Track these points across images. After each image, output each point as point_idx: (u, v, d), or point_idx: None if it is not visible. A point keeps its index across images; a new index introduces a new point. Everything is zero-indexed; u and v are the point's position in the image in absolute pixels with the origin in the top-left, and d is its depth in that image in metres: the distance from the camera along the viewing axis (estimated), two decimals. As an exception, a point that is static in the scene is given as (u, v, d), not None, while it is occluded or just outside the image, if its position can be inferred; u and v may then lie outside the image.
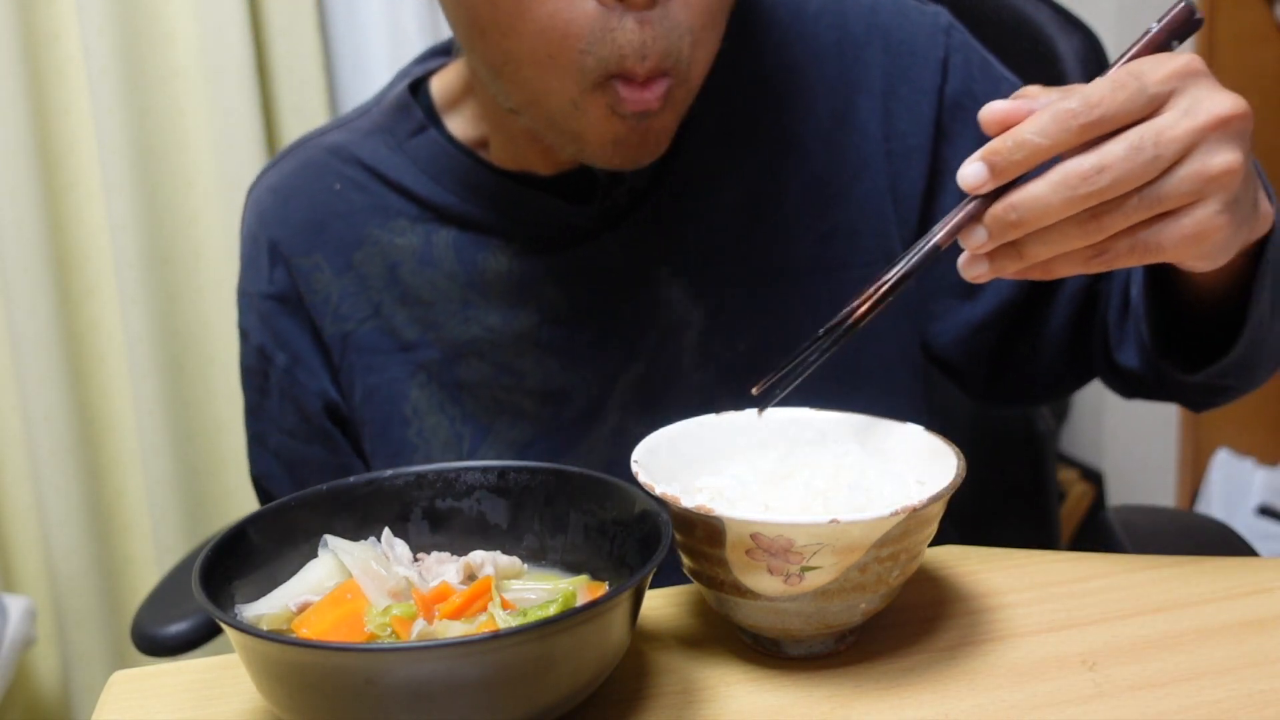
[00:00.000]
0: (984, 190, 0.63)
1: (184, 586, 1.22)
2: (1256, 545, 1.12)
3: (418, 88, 0.95)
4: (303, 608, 0.65)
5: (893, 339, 0.92)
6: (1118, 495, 2.33)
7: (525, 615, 0.62)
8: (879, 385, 0.91)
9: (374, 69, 1.83)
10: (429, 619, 0.62)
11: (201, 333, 1.81)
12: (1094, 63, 1.13)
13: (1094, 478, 2.31)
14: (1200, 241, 0.64)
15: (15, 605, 1.65)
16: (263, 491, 0.99)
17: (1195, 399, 0.89)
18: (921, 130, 0.91)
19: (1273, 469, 2.43)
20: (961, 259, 0.66)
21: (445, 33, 1.83)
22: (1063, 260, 0.65)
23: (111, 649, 1.84)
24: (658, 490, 0.64)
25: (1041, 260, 0.65)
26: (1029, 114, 0.63)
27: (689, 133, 0.89)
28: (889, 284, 0.67)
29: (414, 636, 0.60)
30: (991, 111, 0.64)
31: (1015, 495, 1.22)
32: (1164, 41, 0.67)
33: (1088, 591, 0.72)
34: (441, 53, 0.99)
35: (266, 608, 0.65)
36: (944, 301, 0.93)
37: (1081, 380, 0.94)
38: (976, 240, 0.64)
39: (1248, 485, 2.41)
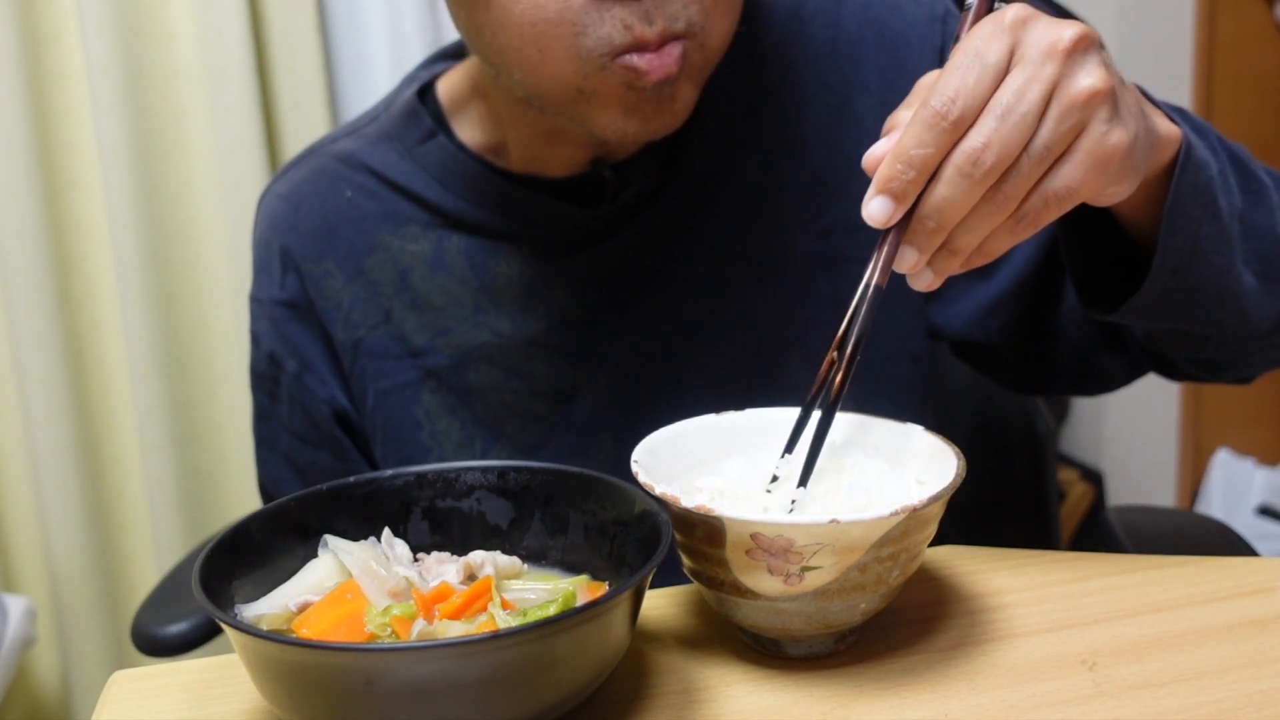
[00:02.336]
0: (894, 220, 0.64)
1: (184, 586, 1.22)
2: (1256, 545, 1.12)
3: (425, 93, 0.96)
4: (303, 608, 0.65)
5: (893, 333, 0.92)
6: (1118, 495, 2.33)
7: (525, 615, 0.62)
8: (880, 379, 0.91)
9: (374, 69, 1.83)
10: (429, 619, 0.62)
11: (201, 333, 1.81)
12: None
13: (1094, 478, 2.31)
14: (1103, 167, 0.64)
15: (15, 605, 1.65)
16: (269, 498, 0.99)
17: (1191, 366, 0.88)
18: None
19: (1273, 469, 2.43)
20: (910, 277, 0.66)
21: (445, 33, 1.83)
22: (992, 239, 0.65)
23: (111, 649, 1.84)
24: (658, 490, 0.64)
25: (975, 247, 0.65)
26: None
27: (694, 135, 0.90)
28: (853, 346, 0.66)
29: (414, 636, 0.60)
30: (873, 157, 0.65)
31: (1015, 495, 1.22)
32: (987, 8, 0.67)
33: (1088, 591, 0.72)
34: (447, 56, 0.99)
35: (266, 608, 0.65)
36: (960, 285, 0.93)
37: (1129, 368, 0.92)
38: (909, 260, 0.65)
39: (1248, 485, 2.41)
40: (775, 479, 0.68)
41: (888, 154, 0.63)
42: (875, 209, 0.64)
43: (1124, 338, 0.90)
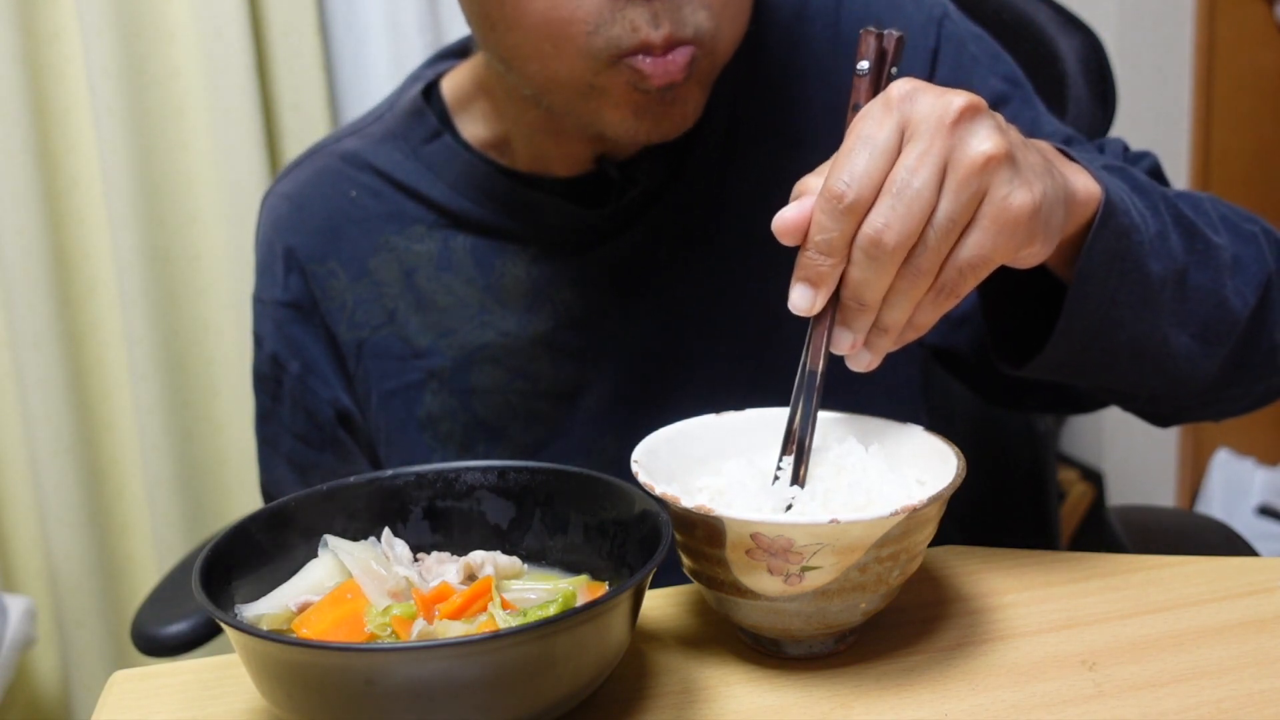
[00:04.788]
0: (818, 308, 0.64)
1: (184, 586, 1.22)
2: (1256, 545, 1.12)
3: (429, 92, 0.96)
4: (303, 608, 0.65)
5: None
6: (1118, 495, 2.33)
7: (525, 615, 0.62)
8: (879, 382, 0.91)
9: (374, 69, 1.83)
10: (429, 619, 0.62)
11: (201, 333, 1.81)
12: (1094, 63, 1.13)
13: (1094, 478, 2.31)
14: (1011, 230, 0.63)
15: (15, 605, 1.65)
16: (271, 500, 0.99)
17: (1138, 414, 0.89)
18: None
19: (1273, 469, 2.43)
20: (848, 359, 0.67)
21: (445, 33, 1.83)
22: (918, 312, 0.65)
23: (111, 649, 1.84)
24: (658, 490, 0.64)
25: (903, 323, 0.65)
26: (808, 208, 0.64)
27: (699, 134, 0.90)
28: (809, 438, 0.67)
29: (414, 636, 0.60)
30: (783, 222, 0.65)
31: (1015, 495, 1.22)
32: (879, 78, 0.68)
33: (1088, 591, 0.72)
34: (452, 55, 0.99)
35: (266, 608, 0.65)
36: None
37: (1096, 398, 0.92)
38: (845, 342, 0.66)
39: (1248, 485, 2.41)
40: (778, 478, 0.68)
41: (803, 249, 0.64)
42: (797, 298, 0.65)
43: None
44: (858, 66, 0.68)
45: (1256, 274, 0.83)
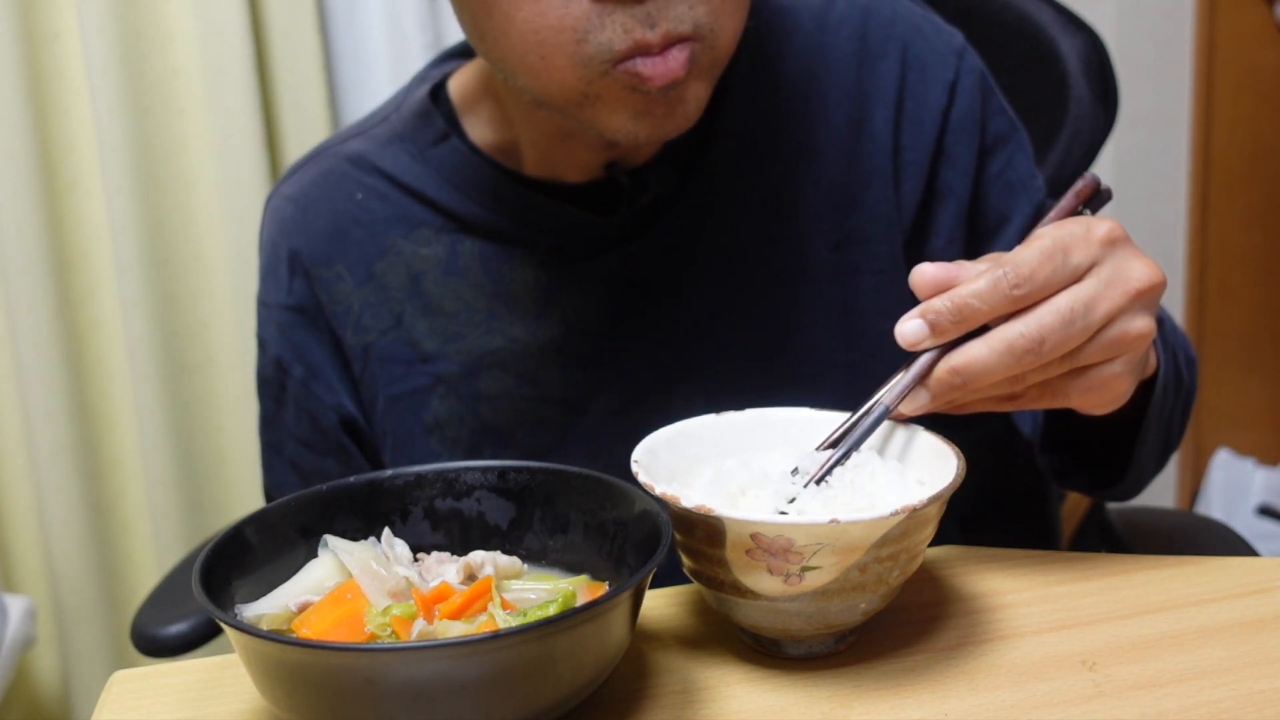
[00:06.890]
0: (922, 348, 0.67)
1: (184, 586, 1.22)
2: (1256, 545, 1.12)
3: (437, 93, 0.95)
4: (303, 608, 0.65)
5: (891, 336, 0.92)
6: (1118, 496, 2.32)
7: (525, 615, 0.62)
8: (877, 380, 0.91)
9: (374, 69, 1.83)
10: (429, 619, 0.62)
11: (201, 333, 1.81)
12: (1096, 63, 1.13)
13: (1094, 478, 2.30)
14: (1102, 396, 0.70)
15: (15, 605, 1.65)
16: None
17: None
18: (923, 146, 0.91)
19: (1273, 469, 2.43)
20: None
21: (445, 33, 1.83)
22: (980, 403, 0.69)
23: (111, 649, 1.83)
24: (658, 490, 0.64)
25: (968, 406, 0.69)
26: (957, 277, 0.66)
27: (712, 141, 0.89)
28: (846, 452, 0.68)
29: (414, 636, 0.60)
30: (923, 275, 0.67)
31: (1015, 495, 1.22)
32: (1075, 209, 0.72)
33: (1088, 591, 0.72)
34: (459, 54, 0.98)
35: (266, 608, 0.65)
36: None
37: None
38: (918, 403, 0.68)
39: (1248, 485, 2.41)
40: (796, 470, 0.68)
41: (946, 295, 0.66)
42: (910, 330, 0.67)
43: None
44: (1065, 196, 0.73)
45: (1191, 402, 0.92)
